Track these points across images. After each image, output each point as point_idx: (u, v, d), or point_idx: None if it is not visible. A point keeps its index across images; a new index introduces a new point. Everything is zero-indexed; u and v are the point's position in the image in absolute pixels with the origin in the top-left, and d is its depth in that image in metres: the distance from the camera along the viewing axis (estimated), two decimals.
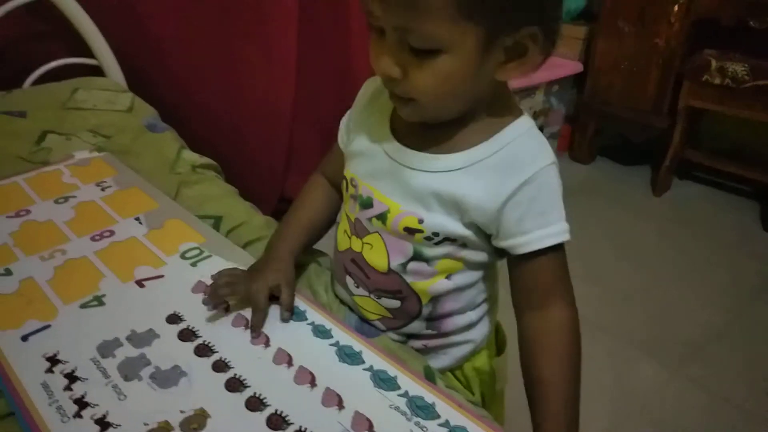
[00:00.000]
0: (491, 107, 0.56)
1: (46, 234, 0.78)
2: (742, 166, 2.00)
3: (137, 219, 0.81)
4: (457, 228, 0.57)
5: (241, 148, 1.68)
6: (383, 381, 0.55)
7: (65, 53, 1.40)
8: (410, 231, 0.58)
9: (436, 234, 0.57)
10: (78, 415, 0.51)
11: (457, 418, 0.51)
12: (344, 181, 0.66)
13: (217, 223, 0.83)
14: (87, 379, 0.55)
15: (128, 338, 0.60)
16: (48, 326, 0.62)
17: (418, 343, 0.66)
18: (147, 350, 0.58)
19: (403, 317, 0.64)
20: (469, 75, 0.50)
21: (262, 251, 0.76)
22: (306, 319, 0.63)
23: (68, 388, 0.54)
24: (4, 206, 0.84)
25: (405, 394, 0.54)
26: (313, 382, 0.55)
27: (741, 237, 1.92)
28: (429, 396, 0.53)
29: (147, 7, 1.45)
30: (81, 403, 0.52)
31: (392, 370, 0.56)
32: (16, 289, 0.67)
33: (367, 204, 0.61)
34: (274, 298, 0.64)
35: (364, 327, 0.64)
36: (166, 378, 0.55)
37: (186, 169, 0.98)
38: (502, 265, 0.63)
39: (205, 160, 1.04)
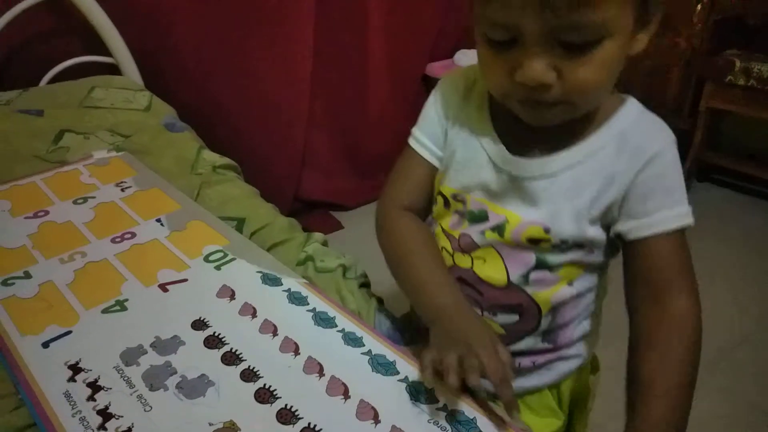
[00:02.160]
0: None
1: (65, 236, 0.76)
2: (763, 168, 1.96)
3: (158, 221, 0.79)
4: (586, 230, 0.54)
5: (256, 149, 1.66)
6: (420, 393, 0.52)
7: (81, 51, 1.39)
8: (534, 241, 0.55)
9: (564, 241, 0.54)
10: (102, 427, 0.49)
11: None
12: (440, 200, 0.60)
13: (240, 225, 0.81)
14: (111, 388, 0.53)
15: (152, 345, 0.58)
16: (69, 332, 0.60)
17: (526, 361, 0.61)
18: (172, 358, 0.56)
19: (518, 333, 0.60)
20: (623, 55, 0.47)
21: (287, 255, 0.74)
22: (336, 326, 0.61)
23: (91, 398, 0.52)
24: (22, 207, 0.82)
25: (444, 408, 0.51)
26: (346, 394, 0.52)
27: (764, 241, 1.88)
28: (470, 410, 0.51)
29: (164, 6, 1.43)
30: (105, 415, 0.50)
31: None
32: (35, 293, 0.65)
33: (480, 218, 0.57)
34: None
35: (397, 334, 0.62)
36: (193, 388, 0.53)
37: (207, 169, 0.96)
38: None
39: (226, 160, 1.02)
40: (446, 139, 0.61)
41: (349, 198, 2.03)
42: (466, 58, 2.10)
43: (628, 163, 0.52)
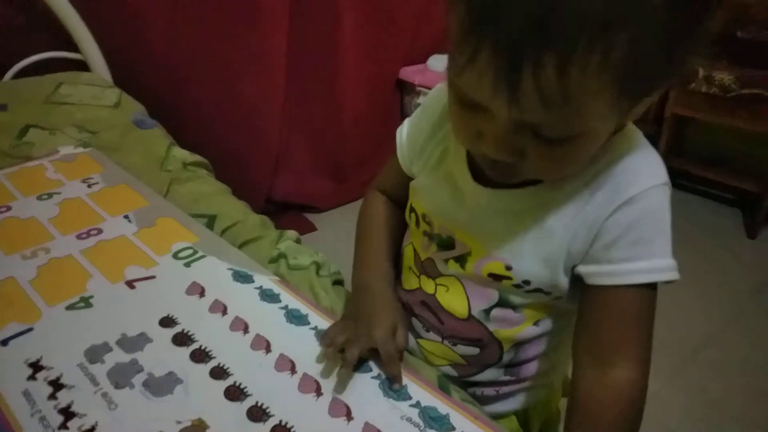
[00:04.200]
0: None
1: (28, 231, 0.74)
2: (726, 174, 2.02)
3: (126, 217, 0.77)
4: (552, 277, 0.49)
5: (228, 148, 1.64)
6: (394, 390, 0.52)
7: (48, 47, 1.35)
8: (496, 277, 0.51)
9: (527, 282, 0.50)
10: (64, 426, 0.47)
11: (473, 429, 0.49)
12: (413, 214, 0.58)
13: (210, 222, 0.80)
14: (74, 386, 0.51)
15: (118, 342, 0.56)
16: (30, 329, 0.58)
17: (489, 390, 0.59)
18: (139, 355, 0.55)
19: (479, 365, 0.58)
20: (603, 140, 0.42)
21: (259, 252, 0.73)
22: (308, 323, 0.60)
23: (53, 396, 0.50)
24: None
25: (417, 405, 0.51)
26: (318, 391, 0.52)
27: (727, 244, 1.93)
28: (443, 407, 0.50)
29: (136, 3, 1.40)
30: (67, 413, 0.48)
31: (403, 379, 0.53)
32: None
33: (446, 245, 0.54)
34: None
35: None
36: (161, 386, 0.51)
37: (177, 166, 0.94)
38: None
39: (196, 157, 1.00)
40: (420, 156, 0.59)
41: (322, 200, 2.02)
42: (440, 63, 2.11)
43: (601, 204, 0.46)
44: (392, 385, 0.52)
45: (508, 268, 0.50)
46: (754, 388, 1.35)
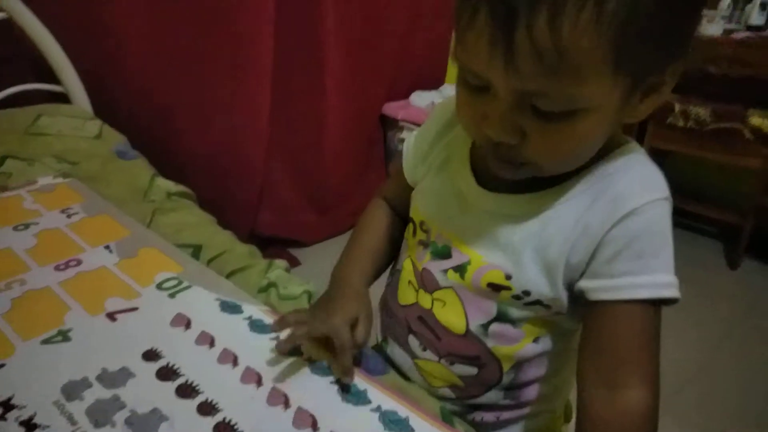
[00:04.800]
0: None
1: (2, 262, 0.70)
2: (705, 206, 2.05)
3: (107, 247, 0.74)
4: (552, 288, 0.48)
5: (212, 182, 1.62)
6: (393, 423, 0.49)
7: (28, 78, 1.33)
8: (495, 288, 0.50)
9: (526, 293, 0.49)
10: None
11: None
12: (411, 225, 0.58)
13: (196, 252, 0.77)
14: (48, 426, 0.47)
15: (98, 378, 0.52)
16: (2, 366, 0.54)
17: (490, 416, 0.57)
18: (121, 391, 0.51)
19: (478, 387, 0.55)
20: (604, 129, 0.43)
21: (248, 282, 0.70)
22: (301, 354, 0.57)
23: None
24: None
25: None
26: (314, 426, 0.49)
27: (709, 276, 1.94)
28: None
29: (119, 36, 1.40)
30: None
31: (403, 410, 0.51)
32: None
33: (443, 253, 0.53)
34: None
35: (369, 363, 0.58)
36: (144, 423, 0.48)
37: (160, 196, 0.92)
38: None
39: (181, 187, 0.98)
40: (424, 160, 0.59)
41: (306, 234, 1.99)
42: (421, 99, 2.14)
43: (603, 215, 0.45)
44: (342, 379, 0.52)
45: (508, 277, 0.49)
46: (742, 418, 1.33)
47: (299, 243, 1.97)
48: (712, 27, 1.96)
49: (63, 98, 1.34)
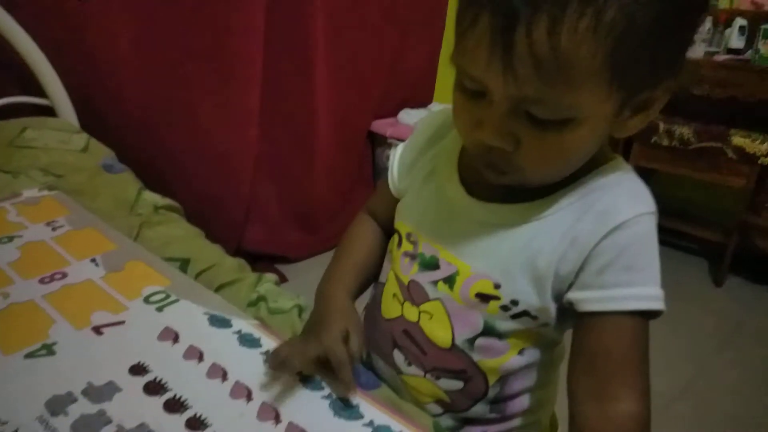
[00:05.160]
0: None
1: None
2: (690, 224, 2.08)
3: (93, 261, 0.73)
4: (540, 298, 0.48)
5: (199, 197, 1.61)
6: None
7: (14, 91, 1.32)
8: (483, 298, 0.50)
9: (515, 303, 0.49)
10: None
11: None
12: (396, 236, 0.58)
13: (184, 265, 0.76)
14: None
15: (84, 392, 0.51)
16: None
17: (476, 430, 0.56)
18: (107, 406, 0.50)
19: (465, 401, 0.55)
20: (594, 141, 0.43)
21: (237, 295, 0.69)
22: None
23: None
24: None
25: None
26: None
27: (694, 294, 1.96)
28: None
29: (107, 51, 1.39)
30: None
31: (396, 425, 0.50)
32: None
33: (430, 265, 0.53)
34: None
35: (362, 377, 0.57)
36: None
37: (147, 210, 0.91)
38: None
39: (168, 201, 0.97)
40: (409, 172, 0.60)
41: (293, 251, 1.98)
42: (409, 117, 2.16)
43: (591, 228, 0.46)
44: (344, 394, 0.52)
45: (497, 286, 0.49)
46: None
47: (286, 259, 1.96)
48: (693, 50, 2.00)
49: (49, 112, 1.33)
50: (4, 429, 0.47)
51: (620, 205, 0.46)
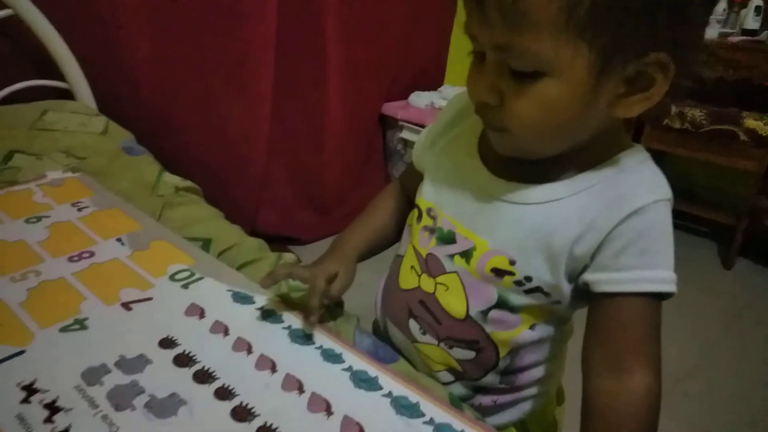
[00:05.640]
0: (598, 136, 0.49)
1: (16, 254, 0.71)
2: (700, 206, 2.08)
3: (119, 240, 0.75)
4: (553, 276, 0.50)
5: (213, 180, 1.63)
6: (405, 408, 0.51)
7: (34, 75, 1.34)
8: (498, 273, 0.52)
9: (528, 279, 0.51)
10: None
11: None
12: (415, 211, 0.60)
13: (206, 245, 0.78)
14: (71, 409, 0.48)
15: (117, 364, 0.54)
16: (22, 352, 0.55)
17: (487, 399, 0.59)
18: (139, 377, 0.52)
19: (476, 370, 0.57)
20: (576, 105, 0.44)
21: (258, 274, 0.71)
22: (313, 343, 0.59)
23: (49, 420, 0.47)
24: None
25: (431, 422, 0.49)
26: (329, 410, 0.50)
27: (703, 275, 1.97)
28: (457, 423, 0.49)
29: (124, 36, 1.41)
30: None
31: (413, 396, 0.52)
32: None
33: (448, 239, 0.55)
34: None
35: (379, 351, 0.60)
36: (164, 407, 0.49)
37: (169, 191, 0.93)
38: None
39: (188, 183, 0.99)
40: (432, 147, 0.62)
41: (305, 233, 2.00)
42: (420, 99, 2.16)
43: (610, 211, 0.47)
44: (305, 321, 0.58)
45: (512, 262, 0.51)
46: (736, 416, 1.36)
47: (299, 241, 1.99)
48: (708, 31, 1.98)
49: (67, 95, 1.35)
50: (45, 396, 0.50)
51: (638, 191, 0.47)
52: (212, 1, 1.48)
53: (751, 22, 2.03)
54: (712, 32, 2.01)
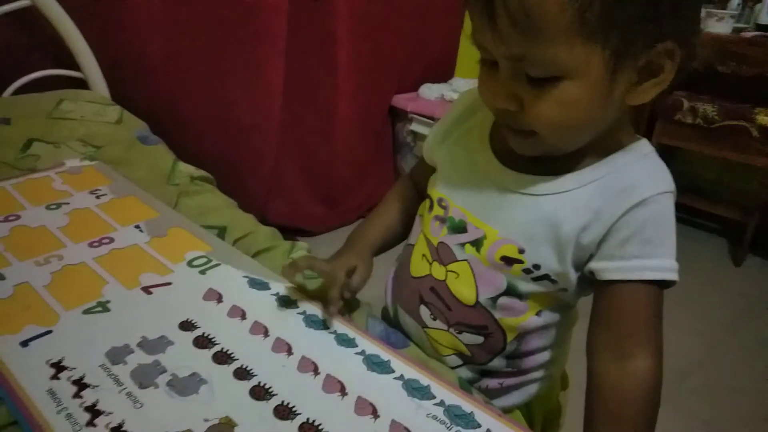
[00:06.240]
0: (608, 130, 0.51)
1: (39, 239, 0.73)
2: (711, 203, 2.08)
3: (137, 227, 0.77)
4: (560, 264, 0.52)
5: (225, 173, 1.64)
6: (416, 390, 0.53)
7: (48, 64, 1.36)
8: (508, 261, 0.54)
9: (537, 267, 0.53)
10: (91, 423, 0.47)
11: (498, 426, 0.49)
12: (427, 201, 0.62)
13: (221, 233, 0.80)
14: (98, 386, 0.50)
15: (139, 345, 0.56)
16: (49, 332, 0.57)
17: (493, 382, 0.61)
18: (161, 357, 0.54)
19: (484, 354, 0.60)
20: (596, 102, 0.46)
21: (272, 261, 0.74)
22: (327, 327, 0.60)
23: (77, 395, 0.49)
24: None
25: (441, 404, 0.51)
26: (343, 391, 0.52)
27: (712, 272, 1.97)
28: (467, 405, 0.51)
29: (139, 28, 1.42)
30: (93, 411, 0.48)
31: (424, 379, 0.54)
32: (10, 294, 0.62)
33: (459, 228, 0.57)
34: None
35: (391, 337, 0.62)
36: (185, 385, 0.51)
37: (184, 180, 0.95)
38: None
39: (202, 172, 1.01)
40: (443, 142, 0.64)
41: (315, 224, 2.02)
42: (430, 91, 2.17)
43: (614, 203, 0.50)
44: (324, 311, 0.60)
45: (521, 251, 0.53)
46: (743, 412, 1.37)
47: (308, 232, 2.01)
48: (721, 25, 1.98)
49: (81, 84, 1.37)
50: (72, 374, 0.52)
51: (642, 183, 0.49)
52: None
53: (766, 17, 2.01)
54: (725, 27, 2.00)
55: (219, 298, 0.64)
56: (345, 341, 0.59)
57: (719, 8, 2.03)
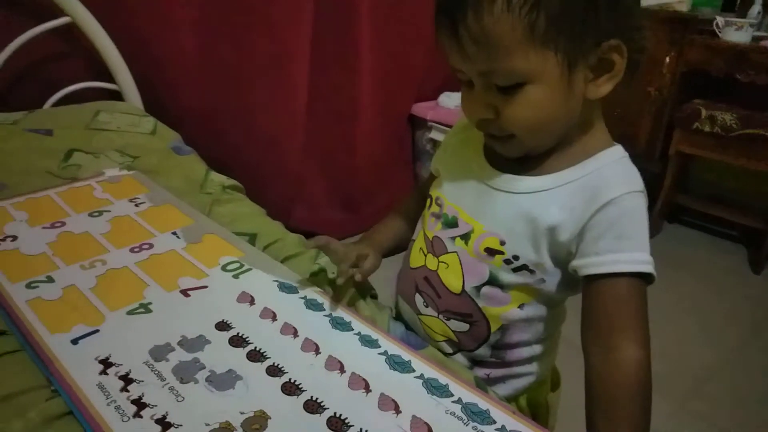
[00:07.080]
0: (583, 136, 0.57)
1: (83, 245, 0.79)
2: (730, 210, 2.08)
3: (174, 233, 0.83)
4: (536, 254, 0.58)
5: (251, 180, 1.70)
6: (436, 388, 0.56)
7: (85, 77, 1.43)
8: (491, 252, 0.59)
9: (516, 257, 0.58)
10: (138, 415, 0.51)
11: (512, 423, 0.53)
12: (428, 200, 0.68)
13: (252, 239, 0.85)
14: (143, 381, 0.55)
15: (180, 343, 0.61)
16: (96, 331, 0.62)
17: (481, 372, 0.66)
18: (200, 355, 0.59)
19: (470, 342, 0.65)
20: (558, 99, 0.52)
21: (300, 267, 0.78)
22: (352, 329, 0.65)
23: (124, 389, 0.54)
24: (39, 218, 0.85)
25: (459, 401, 0.55)
26: (367, 388, 0.56)
27: (732, 279, 1.97)
28: (483, 403, 0.55)
29: (170, 42, 1.49)
30: (139, 404, 0.52)
31: (443, 378, 0.58)
32: (60, 296, 0.68)
33: (451, 223, 0.63)
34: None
35: (411, 339, 0.66)
36: (223, 381, 0.56)
37: (216, 189, 1.00)
38: (569, 306, 0.65)
39: (232, 182, 1.06)
40: (445, 152, 0.71)
41: (335, 229, 2.06)
42: (450, 99, 2.20)
43: (588, 203, 0.55)
44: (339, 278, 0.66)
45: (502, 243, 0.59)
46: (760, 420, 1.37)
47: None
48: (740, 34, 1.98)
49: (116, 96, 1.43)
50: (119, 370, 0.56)
51: (613, 185, 0.55)
52: (251, 5, 1.56)
53: None
54: (745, 36, 2.00)
55: (251, 301, 0.69)
56: (369, 342, 0.63)
57: (739, 17, 2.03)
